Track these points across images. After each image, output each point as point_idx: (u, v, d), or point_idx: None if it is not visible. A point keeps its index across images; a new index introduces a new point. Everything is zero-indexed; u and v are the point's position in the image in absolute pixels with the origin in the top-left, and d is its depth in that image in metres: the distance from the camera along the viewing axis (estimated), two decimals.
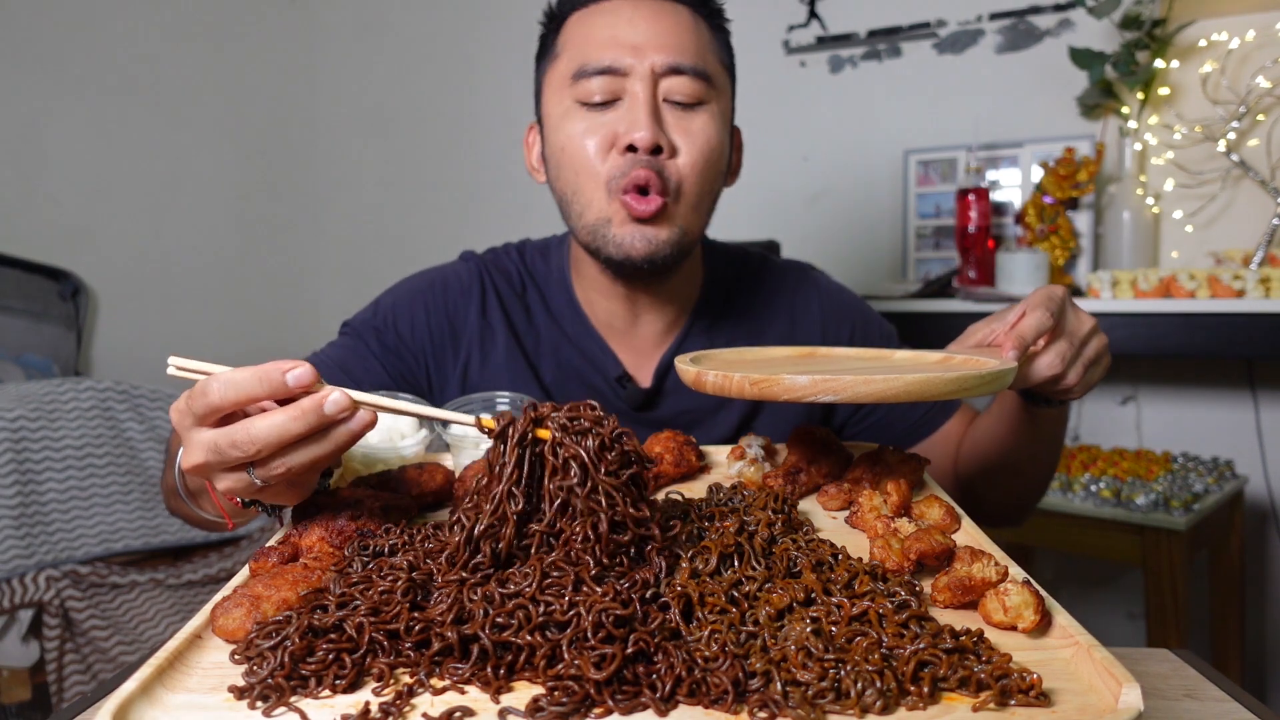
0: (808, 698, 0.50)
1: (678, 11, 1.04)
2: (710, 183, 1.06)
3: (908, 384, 0.69)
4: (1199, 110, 2.14)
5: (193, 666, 0.56)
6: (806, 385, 0.70)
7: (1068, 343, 0.86)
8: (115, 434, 2.13)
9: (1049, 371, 0.85)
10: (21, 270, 2.54)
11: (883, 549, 0.67)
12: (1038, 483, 1.13)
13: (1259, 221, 2.11)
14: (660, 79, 1.01)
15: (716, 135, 1.04)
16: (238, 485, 0.66)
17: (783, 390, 0.70)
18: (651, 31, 1.01)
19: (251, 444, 0.62)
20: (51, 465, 2.03)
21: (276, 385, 0.62)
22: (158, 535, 2.17)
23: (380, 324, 1.15)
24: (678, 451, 0.90)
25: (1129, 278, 1.93)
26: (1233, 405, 2.23)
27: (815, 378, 0.70)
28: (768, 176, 2.65)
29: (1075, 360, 0.87)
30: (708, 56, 1.05)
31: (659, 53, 1.01)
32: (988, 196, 2.21)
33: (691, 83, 1.02)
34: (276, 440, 0.62)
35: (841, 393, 0.69)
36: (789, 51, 2.67)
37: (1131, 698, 0.49)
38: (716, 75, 1.06)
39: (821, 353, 0.95)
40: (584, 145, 1.02)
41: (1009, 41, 2.40)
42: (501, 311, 1.16)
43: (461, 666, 0.54)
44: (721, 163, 1.07)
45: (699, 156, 1.02)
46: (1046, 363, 0.85)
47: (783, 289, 1.23)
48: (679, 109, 1.02)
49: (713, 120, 1.04)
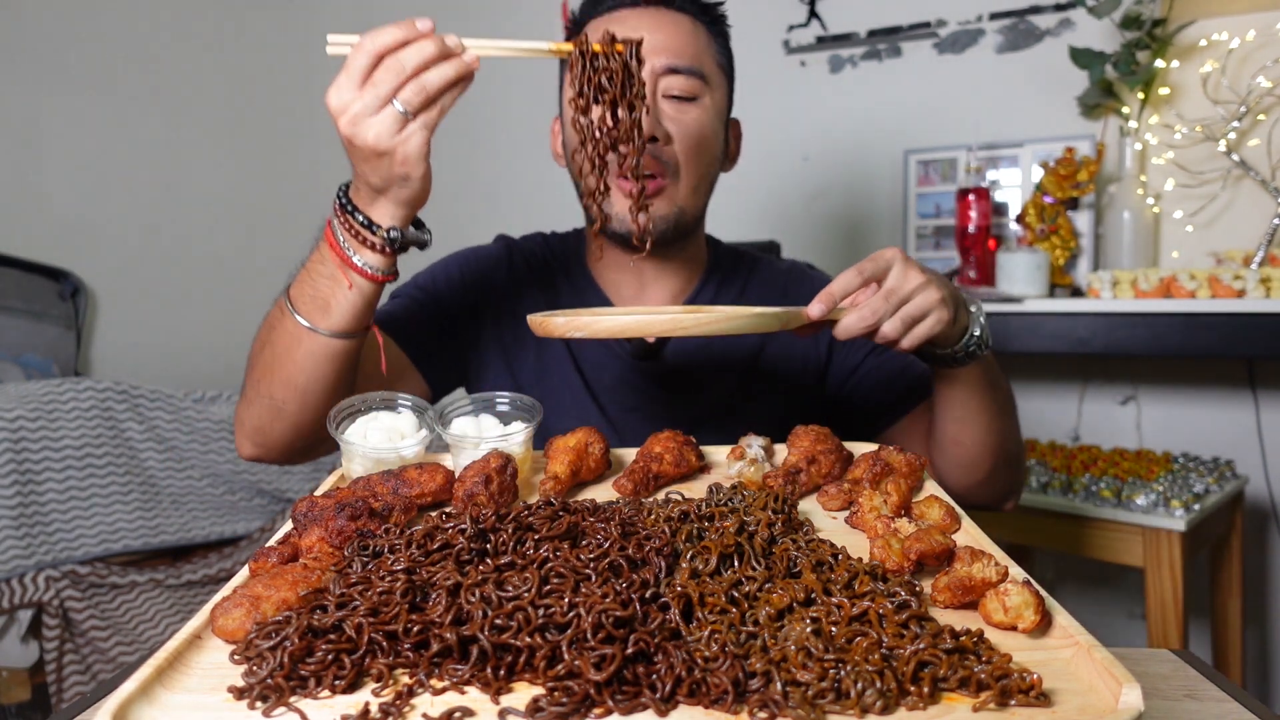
0: (808, 698, 0.50)
1: (678, 19, 1.18)
2: (705, 166, 1.19)
3: (695, 320, 0.85)
4: (1199, 110, 2.14)
5: (192, 667, 0.56)
6: (563, 325, 0.87)
7: (883, 299, 0.94)
8: (115, 434, 2.13)
9: (860, 324, 0.93)
10: (21, 270, 2.53)
11: (883, 549, 0.67)
12: (986, 452, 1.13)
13: (1259, 221, 2.11)
14: (660, 78, 1.15)
15: (710, 124, 1.18)
16: (388, 124, 0.87)
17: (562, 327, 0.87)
18: (653, 37, 1.12)
19: (401, 65, 0.85)
20: (51, 465, 2.03)
21: (411, 29, 0.88)
22: (157, 535, 2.17)
23: (424, 281, 1.29)
24: (678, 451, 0.90)
25: (1129, 278, 1.93)
26: (1233, 405, 2.23)
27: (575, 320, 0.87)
28: (768, 176, 2.65)
29: (891, 315, 0.94)
30: (704, 58, 1.18)
31: (659, 55, 1.14)
32: (988, 196, 2.21)
33: (686, 80, 1.16)
34: (416, 60, 0.86)
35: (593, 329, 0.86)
36: (789, 51, 2.67)
37: (1132, 698, 0.49)
38: (711, 74, 1.19)
39: (700, 308, 1.06)
40: None
41: (1009, 41, 2.40)
42: (527, 275, 1.31)
43: (461, 667, 0.53)
44: (715, 148, 1.21)
45: (692, 143, 1.16)
46: (857, 316, 0.93)
47: (778, 284, 1.33)
48: (675, 102, 1.16)
49: (705, 112, 1.18)
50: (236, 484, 2.31)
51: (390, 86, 0.86)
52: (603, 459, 0.90)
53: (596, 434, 0.90)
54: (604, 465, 0.91)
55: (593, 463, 0.89)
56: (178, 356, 2.91)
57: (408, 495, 0.79)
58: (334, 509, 0.71)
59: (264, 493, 2.36)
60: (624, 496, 0.84)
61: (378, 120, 0.87)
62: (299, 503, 0.73)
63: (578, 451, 0.88)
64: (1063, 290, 2.17)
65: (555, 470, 0.85)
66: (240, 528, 2.32)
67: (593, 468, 0.89)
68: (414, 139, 0.90)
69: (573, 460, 0.87)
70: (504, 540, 0.64)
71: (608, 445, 0.91)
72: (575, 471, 0.87)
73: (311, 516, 0.71)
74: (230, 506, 2.31)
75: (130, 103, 2.82)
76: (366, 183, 0.93)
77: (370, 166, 0.91)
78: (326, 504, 0.72)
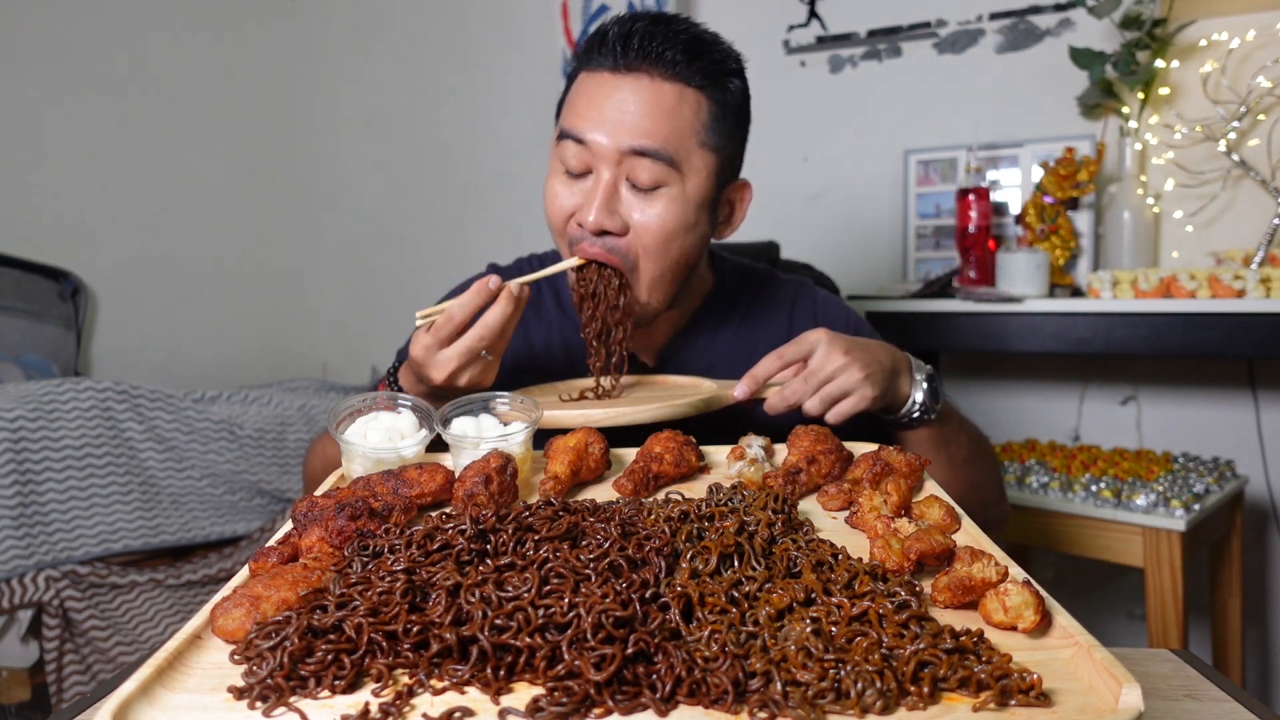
0: (808, 698, 0.50)
1: (659, 90, 1.07)
2: (669, 259, 1.12)
3: (634, 412, 1.00)
4: (1199, 110, 2.14)
5: (192, 667, 0.56)
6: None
7: (802, 380, 1.04)
8: (115, 434, 2.13)
9: (782, 404, 1.05)
10: (21, 270, 2.53)
11: (883, 549, 0.67)
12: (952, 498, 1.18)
13: (1259, 221, 2.11)
14: (625, 158, 1.07)
15: (675, 217, 1.09)
16: (478, 369, 1.02)
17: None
18: (625, 112, 1.06)
19: (488, 329, 1.00)
20: (51, 465, 2.03)
21: (486, 293, 1.01)
22: (157, 535, 2.17)
23: None
24: (678, 451, 0.90)
25: (1129, 278, 1.93)
26: (1233, 405, 2.23)
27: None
28: (768, 176, 2.63)
29: (811, 395, 1.04)
30: (682, 137, 1.07)
31: (628, 134, 1.06)
32: (988, 196, 2.21)
33: (653, 166, 1.06)
34: (498, 321, 1.01)
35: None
36: (789, 51, 2.67)
37: (1132, 698, 0.49)
38: (689, 155, 1.08)
39: (658, 380, 1.20)
40: (556, 209, 1.13)
41: (1009, 41, 2.40)
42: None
43: (461, 668, 0.53)
44: (688, 238, 1.12)
45: (651, 239, 1.09)
46: (779, 396, 1.05)
47: (783, 301, 1.32)
48: (639, 190, 1.08)
49: (672, 203, 1.09)
50: (236, 484, 2.31)
51: (483, 344, 1.02)
52: (603, 459, 0.90)
53: (596, 434, 0.90)
54: (604, 465, 0.91)
55: (593, 463, 0.89)
56: (178, 356, 2.91)
57: (408, 495, 0.79)
58: (334, 509, 0.71)
59: (264, 493, 2.36)
60: (624, 496, 0.84)
61: (472, 369, 1.03)
62: (299, 503, 0.73)
63: (578, 451, 0.88)
64: (1063, 290, 2.17)
65: (555, 470, 0.85)
66: (240, 528, 2.32)
67: (593, 468, 0.89)
68: (493, 371, 1.05)
69: (573, 460, 0.87)
70: (504, 540, 0.64)
71: (607, 445, 0.91)
72: (575, 471, 0.87)
73: (311, 516, 0.71)
74: (230, 506, 2.31)
75: (130, 103, 2.82)
76: (429, 392, 1.07)
77: (450, 394, 1.03)
78: (326, 504, 0.72)
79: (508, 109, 3.06)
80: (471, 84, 3.16)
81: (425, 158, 3.28)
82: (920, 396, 1.12)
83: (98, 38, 2.73)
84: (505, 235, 3.08)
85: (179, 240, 2.96)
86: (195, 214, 3.02)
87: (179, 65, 2.95)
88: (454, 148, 3.24)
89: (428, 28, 3.20)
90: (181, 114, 2.96)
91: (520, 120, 3.06)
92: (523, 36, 3.02)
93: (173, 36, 2.93)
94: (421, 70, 3.23)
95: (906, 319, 2.15)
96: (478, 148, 3.18)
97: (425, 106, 3.25)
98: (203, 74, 3.03)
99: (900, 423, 1.14)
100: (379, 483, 0.80)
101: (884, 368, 1.08)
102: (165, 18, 2.91)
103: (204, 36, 3.03)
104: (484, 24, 3.11)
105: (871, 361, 1.06)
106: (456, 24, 3.16)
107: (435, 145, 3.26)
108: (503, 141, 3.10)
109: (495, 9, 3.08)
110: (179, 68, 2.95)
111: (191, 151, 3.00)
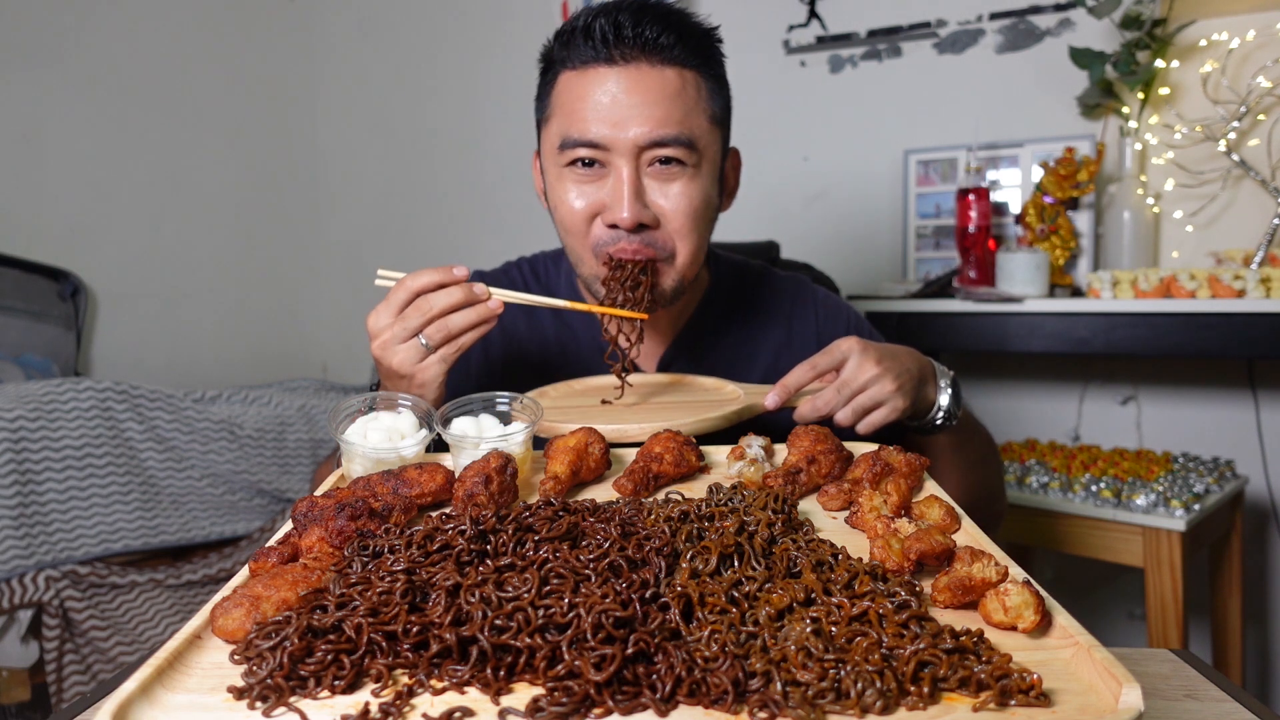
0: (808, 698, 0.50)
1: (662, 77, 1.06)
2: (699, 234, 1.13)
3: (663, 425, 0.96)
4: (1199, 110, 2.14)
5: (192, 667, 0.56)
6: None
7: (835, 391, 1.03)
8: (115, 434, 2.13)
9: (813, 415, 1.03)
10: (21, 270, 2.53)
11: (883, 549, 0.67)
12: (958, 498, 1.19)
13: (1259, 221, 2.11)
14: (643, 151, 1.06)
15: (700, 193, 1.10)
16: (410, 354, 0.98)
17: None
18: (633, 104, 1.05)
19: (429, 305, 0.97)
20: (51, 465, 2.03)
21: (447, 274, 0.98)
22: (157, 535, 2.17)
23: None
24: (678, 451, 0.90)
25: (1129, 278, 1.93)
26: (1233, 405, 2.23)
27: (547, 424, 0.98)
28: (768, 176, 2.64)
29: (844, 405, 1.03)
30: (693, 118, 1.08)
31: (641, 126, 1.05)
32: (988, 196, 2.21)
33: (674, 151, 1.07)
34: (443, 305, 0.97)
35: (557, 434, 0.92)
36: (789, 51, 2.67)
37: (1132, 698, 0.49)
38: (702, 135, 1.09)
39: (686, 380, 1.19)
40: (574, 212, 1.10)
41: (1009, 41, 2.40)
42: (513, 307, 1.26)
43: (461, 668, 0.53)
44: (711, 208, 1.15)
45: (683, 221, 1.10)
46: (810, 406, 1.04)
47: (781, 300, 1.31)
48: (661, 177, 1.08)
49: (694, 180, 1.10)
50: (236, 484, 2.31)
51: (418, 322, 0.98)
52: (603, 459, 0.90)
53: (596, 434, 0.90)
54: (604, 465, 0.91)
55: (593, 463, 0.89)
56: (178, 356, 2.91)
57: (408, 495, 0.79)
58: (334, 509, 0.71)
59: (264, 493, 2.36)
60: (624, 496, 0.84)
61: (403, 349, 0.99)
62: (299, 503, 0.73)
63: (578, 451, 0.88)
64: (1063, 290, 2.17)
65: (555, 470, 0.85)
66: (240, 528, 2.32)
67: (593, 468, 0.89)
68: (431, 369, 1.00)
69: (573, 460, 0.87)
70: (504, 541, 0.64)
71: (608, 445, 0.91)
72: (575, 471, 0.87)
73: (311, 516, 0.71)
74: (230, 506, 2.31)
75: (130, 103, 2.82)
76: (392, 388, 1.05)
77: (391, 383, 1.02)
78: (326, 504, 0.72)
79: (508, 109, 3.06)
80: (472, 84, 3.16)
81: (425, 158, 3.28)
82: (945, 402, 1.11)
83: (98, 38, 2.73)
84: (505, 235, 3.08)
85: (179, 240, 2.96)
86: (195, 214, 3.02)
87: (179, 65, 2.95)
88: (454, 148, 3.24)
89: (428, 28, 3.20)
90: (182, 114, 2.96)
91: (520, 120, 3.05)
92: (523, 37, 3.01)
93: (173, 37, 2.93)
94: (421, 70, 3.23)
95: (906, 319, 2.14)
96: (478, 147, 3.17)
97: (425, 106, 3.25)
98: (203, 74, 3.02)
99: (925, 429, 1.13)
100: (379, 483, 0.80)
101: (914, 377, 1.07)
102: (165, 18, 2.91)
103: (204, 37, 3.03)
104: (484, 24, 3.11)
105: (902, 372, 1.05)
106: (457, 24, 3.16)
107: (435, 145, 3.26)
108: (503, 141, 3.10)
109: (496, 9, 3.08)
110: (179, 68, 2.95)
111: (192, 152, 3.00)
